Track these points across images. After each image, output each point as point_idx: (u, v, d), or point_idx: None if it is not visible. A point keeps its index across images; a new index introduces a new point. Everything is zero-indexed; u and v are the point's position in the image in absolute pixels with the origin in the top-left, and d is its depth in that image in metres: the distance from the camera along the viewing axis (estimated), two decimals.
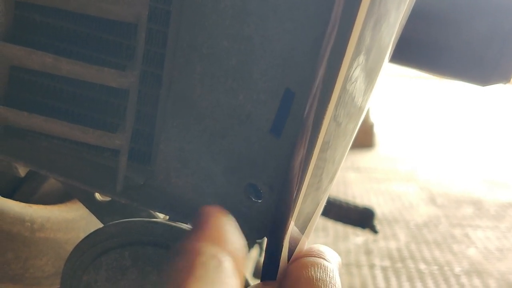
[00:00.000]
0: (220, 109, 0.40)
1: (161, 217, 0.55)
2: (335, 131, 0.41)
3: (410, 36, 0.59)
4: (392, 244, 2.87)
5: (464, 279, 2.49)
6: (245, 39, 0.38)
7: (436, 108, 8.17)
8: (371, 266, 2.58)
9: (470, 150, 5.50)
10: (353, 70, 0.37)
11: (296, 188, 0.38)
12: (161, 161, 0.43)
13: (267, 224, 0.42)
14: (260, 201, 0.41)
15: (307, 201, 0.43)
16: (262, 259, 1.24)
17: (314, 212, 0.48)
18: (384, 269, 2.56)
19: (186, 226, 0.46)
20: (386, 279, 2.45)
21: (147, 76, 0.41)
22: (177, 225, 0.46)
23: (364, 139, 5.36)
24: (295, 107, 0.38)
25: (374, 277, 2.46)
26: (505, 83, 0.58)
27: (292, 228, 0.40)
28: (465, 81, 0.60)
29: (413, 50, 0.60)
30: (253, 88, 0.39)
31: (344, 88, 0.38)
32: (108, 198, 0.53)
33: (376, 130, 5.54)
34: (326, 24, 0.35)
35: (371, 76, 0.44)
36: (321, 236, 2.90)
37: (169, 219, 0.49)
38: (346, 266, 2.56)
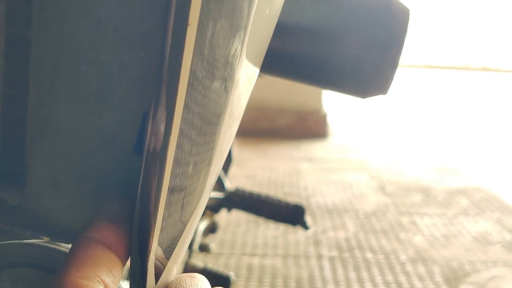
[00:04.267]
0: (86, 130, 0.42)
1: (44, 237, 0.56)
2: (224, 105, 0.43)
3: (282, 49, 0.60)
4: (341, 234, 2.92)
5: (409, 267, 2.55)
6: (103, 65, 0.40)
7: (389, 96, 8.28)
8: (319, 257, 2.62)
9: (420, 138, 5.60)
10: (232, 45, 0.39)
11: (154, 199, 0.39)
12: (32, 183, 0.44)
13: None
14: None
15: (188, 204, 0.44)
16: (190, 260, 1.25)
17: (193, 214, 0.49)
18: (331, 259, 2.61)
19: (64, 247, 0.47)
20: (333, 270, 2.49)
21: (13, 100, 0.42)
22: (54, 246, 0.47)
23: (317, 129, 5.41)
24: None
25: (321, 268, 2.50)
26: (384, 95, 0.60)
27: (156, 247, 0.41)
28: (344, 94, 0.62)
29: (288, 63, 0.62)
30: (115, 110, 0.41)
31: (227, 62, 0.39)
32: None
33: (329, 120, 5.59)
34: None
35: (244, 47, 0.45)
36: (271, 229, 2.93)
37: (50, 240, 0.50)
38: (295, 258, 2.60)
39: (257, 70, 0.49)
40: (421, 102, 7.95)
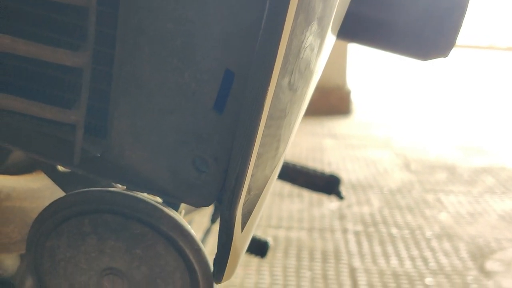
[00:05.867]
0: (168, 87, 0.44)
1: (119, 186, 0.59)
2: (292, 98, 0.45)
3: (355, 13, 0.62)
4: (366, 209, 2.94)
5: (434, 243, 2.56)
6: (188, 23, 0.42)
7: (412, 75, 8.24)
8: (344, 231, 2.64)
9: (445, 117, 5.57)
10: (306, 38, 0.41)
11: (246, 161, 0.42)
12: (115, 135, 0.46)
13: (214, 192, 0.46)
14: (206, 172, 0.45)
15: (266, 169, 0.47)
16: (215, 226, 1.29)
17: (271, 176, 0.51)
18: (356, 233, 2.62)
19: (141, 195, 0.49)
20: (359, 243, 2.51)
21: (100, 56, 0.44)
22: (132, 194, 0.49)
23: (341, 106, 5.41)
24: (235, 86, 0.42)
25: (347, 242, 2.53)
26: (444, 58, 0.61)
27: (244, 199, 0.44)
28: (406, 56, 0.63)
29: (358, 26, 0.63)
30: (197, 68, 0.43)
31: (297, 55, 0.41)
32: (69, 169, 0.56)
33: (353, 97, 5.58)
34: (261, 10, 0.38)
35: (323, 41, 0.47)
36: (296, 202, 2.95)
37: (126, 188, 0.53)
38: (320, 231, 2.62)
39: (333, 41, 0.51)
40: (445, 81, 7.89)
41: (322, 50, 0.48)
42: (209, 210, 1.32)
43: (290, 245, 2.47)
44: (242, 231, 0.45)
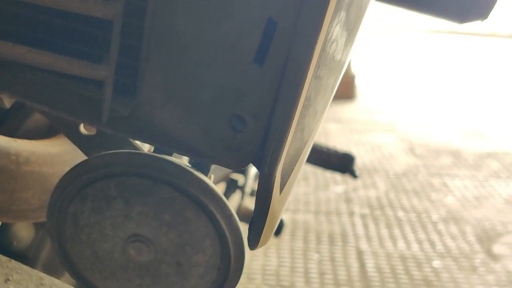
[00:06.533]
0: (204, 40, 0.41)
1: (146, 150, 0.56)
2: (316, 86, 0.42)
3: None
4: (372, 193, 2.92)
5: (441, 226, 2.54)
6: None
7: (417, 61, 8.21)
8: (351, 214, 2.63)
9: (449, 102, 5.54)
10: (332, 29, 0.38)
11: (289, 120, 0.39)
12: (145, 92, 0.43)
13: (250, 153, 0.43)
14: (244, 130, 0.42)
15: (291, 150, 0.44)
16: (243, 202, 1.26)
17: (297, 163, 0.49)
18: (363, 216, 2.61)
19: (170, 158, 0.47)
20: (365, 226, 2.49)
21: (131, 7, 0.42)
22: (161, 156, 0.47)
23: (345, 91, 5.37)
24: (277, 36, 0.39)
25: (353, 225, 2.51)
26: (482, 20, 0.59)
27: (284, 159, 0.41)
28: (444, 18, 0.61)
29: None
30: (236, 18, 0.40)
31: (323, 49, 0.39)
32: (92, 132, 0.53)
33: (357, 82, 5.55)
34: None
35: (351, 29, 0.45)
36: (302, 185, 2.93)
37: (154, 151, 0.50)
38: (326, 214, 2.60)
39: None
40: (450, 67, 7.85)
41: (349, 40, 0.46)
42: (221, 188, 1.29)
43: (297, 228, 2.45)
44: (280, 194, 0.43)
